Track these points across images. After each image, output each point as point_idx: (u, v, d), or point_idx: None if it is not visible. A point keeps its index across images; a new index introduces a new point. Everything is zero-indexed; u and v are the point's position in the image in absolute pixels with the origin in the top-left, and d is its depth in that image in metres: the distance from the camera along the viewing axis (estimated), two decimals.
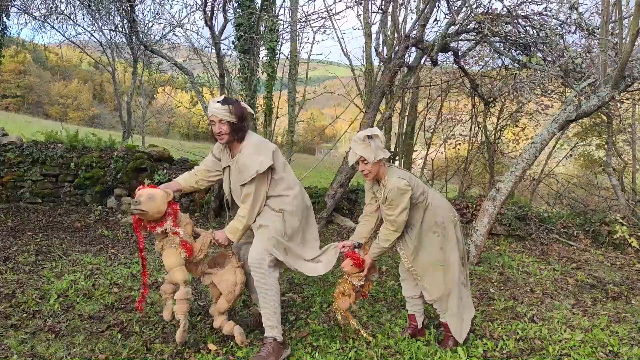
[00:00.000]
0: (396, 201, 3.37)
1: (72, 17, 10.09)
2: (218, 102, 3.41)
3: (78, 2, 9.62)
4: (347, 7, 8.89)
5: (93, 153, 8.38)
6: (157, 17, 12.85)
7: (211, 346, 3.54)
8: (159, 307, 4.24)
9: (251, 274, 3.47)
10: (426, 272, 3.55)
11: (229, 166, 3.58)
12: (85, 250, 6.09)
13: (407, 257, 3.58)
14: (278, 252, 3.39)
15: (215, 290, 3.57)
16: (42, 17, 9.99)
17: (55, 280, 4.82)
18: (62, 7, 9.72)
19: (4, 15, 10.72)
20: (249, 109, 3.54)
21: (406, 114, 11.61)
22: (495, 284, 5.53)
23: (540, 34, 6.59)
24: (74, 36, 12.24)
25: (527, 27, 6.77)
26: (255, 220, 3.48)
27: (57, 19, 10.21)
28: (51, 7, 9.58)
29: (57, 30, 11.50)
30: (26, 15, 10.15)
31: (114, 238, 6.70)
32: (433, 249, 3.54)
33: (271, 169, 3.43)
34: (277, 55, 10.44)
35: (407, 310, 4.01)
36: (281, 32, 10.22)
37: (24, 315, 3.98)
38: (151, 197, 3.19)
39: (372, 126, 7.56)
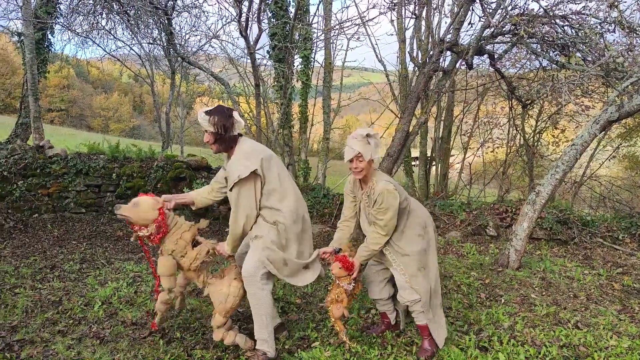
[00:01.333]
0: (386, 204, 3.37)
1: (112, 32, 10.44)
2: (204, 112, 3.39)
3: (118, 18, 9.92)
4: (381, 14, 8.89)
5: (134, 163, 8.60)
6: (193, 29, 13.18)
7: (249, 353, 3.58)
8: (199, 314, 4.32)
9: (244, 286, 3.46)
10: (415, 273, 3.52)
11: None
12: (127, 258, 6.25)
13: (395, 260, 3.56)
14: (271, 265, 3.37)
15: None
16: (85, 33, 10.35)
17: (99, 288, 4.96)
18: (103, 22, 10.05)
19: (49, 32, 11.16)
20: (239, 121, 3.43)
21: (442, 118, 11.54)
22: (536, 289, 5.41)
23: (579, 34, 6.44)
24: (114, 50, 12.70)
25: (565, 27, 6.63)
26: (251, 230, 3.47)
27: (98, 34, 10.58)
28: (93, 24, 9.91)
29: (98, 45, 11.92)
30: (69, 31, 10.54)
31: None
32: (418, 251, 3.53)
33: (257, 175, 3.35)
34: (312, 63, 10.53)
35: (377, 310, 4.12)
36: (315, 40, 10.31)
37: (71, 321, 4.12)
38: (135, 204, 3.34)
39: (408, 131, 7.53)
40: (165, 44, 10.30)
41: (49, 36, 11.33)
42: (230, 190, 3.42)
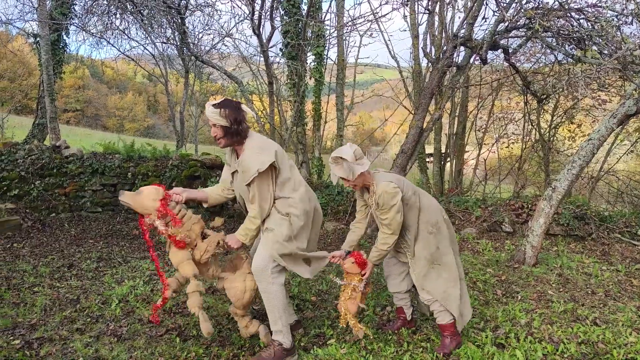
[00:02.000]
0: (387, 204, 3.40)
1: (126, 32, 10.50)
2: (212, 105, 3.35)
3: (132, 17, 9.99)
4: (394, 9, 8.84)
5: (149, 162, 8.66)
6: (206, 28, 13.24)
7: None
8: (215, 312, 4.34)
9: (255, 281, 3.46)
10: (426, 273, 3.55)
11: (236, 170, 3.55)
12: (143, 256, 6.29)
13: (409, 258, 3.60)
14: (282, 259, 3.37)
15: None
16: (99, 33, 10.43)
17: (116, 286, 5.00)
18: (117, 22, 10.12)
19: (64, 33, 11.27)
20: (248, 112, 3.43)
21: (456, 114, 11.46)
22: (553, 285, 5.36)
23: (595, 27, 6.36)
24: (128, 50, 12.78)
25: (581, 20, 6.55)
26: (264, 222, 3.47)
27: (112, 34, 10.66)
28: (107, 24, 9.98)
29: (112, 45, 12.01)
30: (84, 32, 10.63)
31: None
32: (430, 249, 3.56)
33: (274, 167, 3.36)
34: (325, 60, 10.50)
35: (392, 307, 4.16)
36: (328, 37, 10.28)
37: (88, 319, 4.16)
38: (137, 192, 3.33)
39: (422, 127, 7.49)
40: (178, 43, 10.35)
41: (64, 37, 11.46)
42: (248, 185, 3.40)
